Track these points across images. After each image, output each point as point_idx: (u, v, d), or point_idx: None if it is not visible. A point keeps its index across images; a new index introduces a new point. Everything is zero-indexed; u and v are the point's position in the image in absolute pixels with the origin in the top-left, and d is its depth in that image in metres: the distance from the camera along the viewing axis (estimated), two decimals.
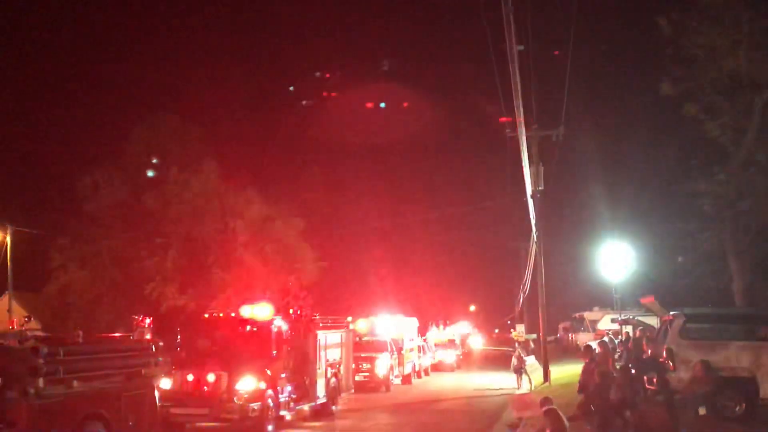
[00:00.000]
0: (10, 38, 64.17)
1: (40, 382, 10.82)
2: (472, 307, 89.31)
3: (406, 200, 67.85)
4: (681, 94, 24.89)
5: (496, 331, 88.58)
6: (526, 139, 25.14)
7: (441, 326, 47.93)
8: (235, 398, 16.83)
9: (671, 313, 17.65)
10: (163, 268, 36.33)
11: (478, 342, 66.57)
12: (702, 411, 13.94)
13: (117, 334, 17.21)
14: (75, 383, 11.61)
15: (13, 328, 12.59)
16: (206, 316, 20.23)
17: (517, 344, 36.44)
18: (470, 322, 72.13)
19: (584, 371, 16.69)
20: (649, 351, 18.16)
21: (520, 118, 21.07)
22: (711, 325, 17.18)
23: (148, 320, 16.31)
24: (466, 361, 49.97)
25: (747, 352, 15.84)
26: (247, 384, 17.06)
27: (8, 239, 38.33)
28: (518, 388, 26.71)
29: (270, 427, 17.39)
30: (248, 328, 18.93)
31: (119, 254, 37.34)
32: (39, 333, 15.57)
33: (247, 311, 19.04)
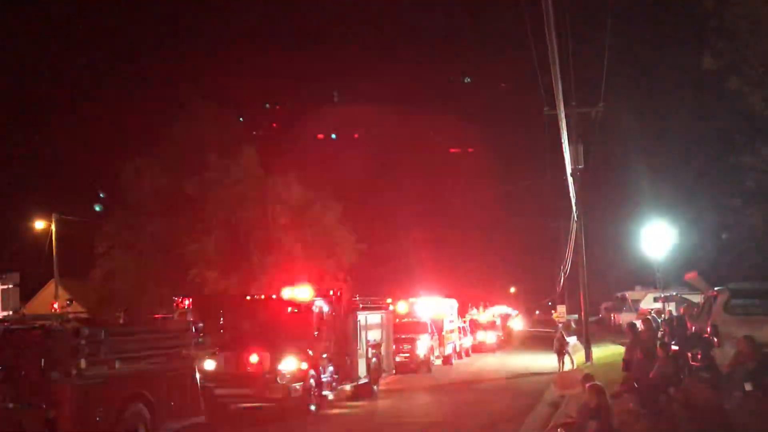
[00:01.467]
0: (55, 30, 65.21)
1: (82, 363, 10.86)
2: (513, 289, 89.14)
3: (445, 182, 67.79)
4: (723, 67, 24.38)
5: (537, 312, 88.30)
6: (565, 116, 24.83)
7: (481, 308, 47.85)
8: (278, 378, 17.03)
9: (715, 288, 17.39)
10: (205, 253, 36.75)
11: (518, 323, 66.47)
12: (748, 387, 13.69)
13: (158, 316, 17.43)
14: (117, 364, 11.65)
15: (55, 311, 12.70)
16: (248, 298, 20.46)
17: (559, 325, 36.27)
18: (511, 303, 71.95)
19: (628, 349, 16.60)
20: (693, 328, 17.92)
21: (559, 95, 20.76)
22: (756, 300, 16.84)
23: (187, 302, 16.53)
24: (507, 342, 49.87)
25: None
26: (290, 364, 17.25)
27: (53, 227, 39.13)
28: (560, 369, 26.55)
29: (313, 407, 17.58)
30: (290, 309, 19.14)
31: (162, 240, 37.86)
32: (81, 315, 15.81)
33: (288, 293, 19.26)
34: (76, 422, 10.62)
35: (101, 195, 38.17)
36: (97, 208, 38.02)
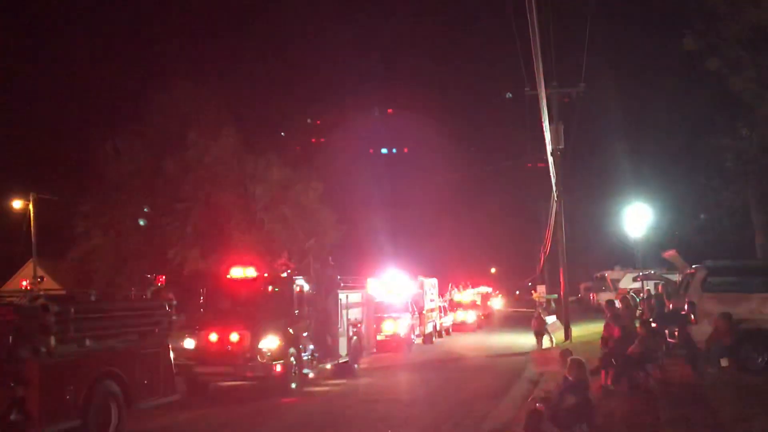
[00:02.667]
0: (32, 6, 64.25)
1: (52, 340, 10.62)
2: (493, 269, 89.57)
3: (427, 162, 67.84)
4: (704, 48, 24.50)
5: (517, 292, 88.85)
6: (546, 96, 24.83)
7: (461, 287, 48.04)
8: (258, 357, 16.96)
9: (693, 266, 17.57)
10: (184, 233, 36.67)
11: (499, 303, 66.88)
12: (724, 363, 13.91)
13: (131, 293, 17.16)
14: (87, 342, 11.42)
15: (25, 288, 12.38)
16: (228, 276, 20.38)
17: (541, 305, 36.47)
18: (491, 283, 72.31)
19: (606, 326, 16.74)
20: (671, 305, 18.11)
21: (540, 75, 20.75)
22: (733, 277, 17.05)
23: (161, 279, 16.40)
24: (487, 321, 50.13)
25: None
26: (270, 343, 17.20)
27: (31, 207, 38.78)
28: (538, 348, 26.67)
29: (293, 385, 17.55)
30: (270, 288, 19.09)
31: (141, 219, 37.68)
32: (55, 292, 15.52)
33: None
34: (45, 401, 10.41)
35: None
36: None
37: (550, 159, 28.28)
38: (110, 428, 11.65)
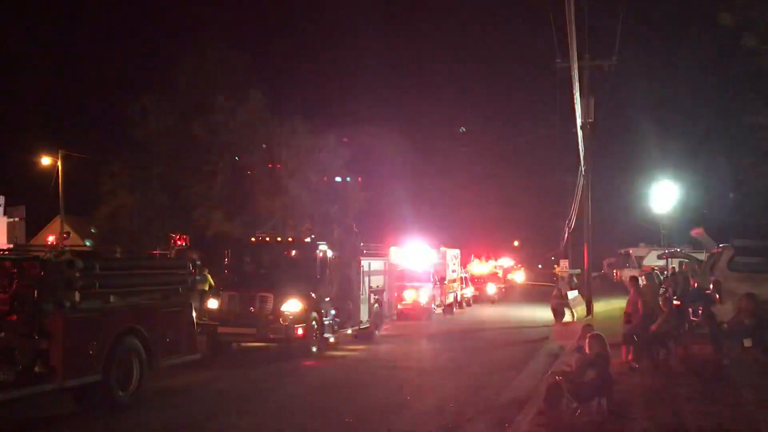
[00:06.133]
0: None
1: (76, 295, 10.74)
2: (516, 242, 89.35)
3: (454, 133, 67.46)
4: (740, 23, 23.97)
5: (540, 266, 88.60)
6: (578, 68, 24.49)
7: (483, 259, 47.98)
8: (280, 319, 17.17)
9: (720, 245, 17.38)
10: (210, 195, 36.84)
11: (521, 276, 66.80)
12: (747, 343, 13.77)
13: (155, 252, 17.20)
14: (112, 298, 11.52)
15: (51, 243, 12.42)
16: (253, 239, 20.51)
17: (559, 279, 36.21)
18: (514, 256, 72.18)
19: (630, 302, 16.64)
20: (695, 283, 17.96)
21: (573, 46, 20.46)
22: (760, 258, 16.86)
23: (186, 239, 16.55)
24: (508, 294, 50.10)
25: None
26: (293, 306, 17.37)
27: (59, 163, 39.12)
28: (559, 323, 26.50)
29: (314, 349, 17.74)
30: (294, 252, 19.21)
31: (168, 180, 37.93)
32: (81, 248, 15.63)
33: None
34: (68, 355, 10.53)
35: None
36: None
37: (579, 132, 27.96)
38: (131, 384, 11.81)
